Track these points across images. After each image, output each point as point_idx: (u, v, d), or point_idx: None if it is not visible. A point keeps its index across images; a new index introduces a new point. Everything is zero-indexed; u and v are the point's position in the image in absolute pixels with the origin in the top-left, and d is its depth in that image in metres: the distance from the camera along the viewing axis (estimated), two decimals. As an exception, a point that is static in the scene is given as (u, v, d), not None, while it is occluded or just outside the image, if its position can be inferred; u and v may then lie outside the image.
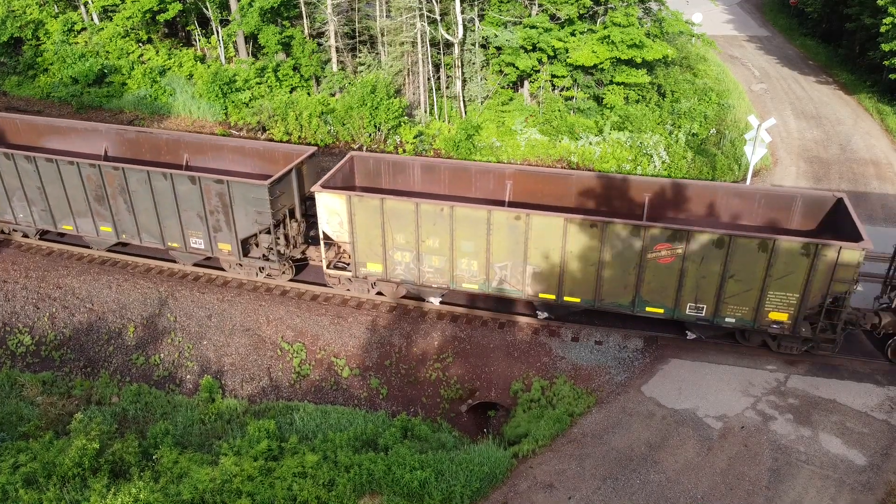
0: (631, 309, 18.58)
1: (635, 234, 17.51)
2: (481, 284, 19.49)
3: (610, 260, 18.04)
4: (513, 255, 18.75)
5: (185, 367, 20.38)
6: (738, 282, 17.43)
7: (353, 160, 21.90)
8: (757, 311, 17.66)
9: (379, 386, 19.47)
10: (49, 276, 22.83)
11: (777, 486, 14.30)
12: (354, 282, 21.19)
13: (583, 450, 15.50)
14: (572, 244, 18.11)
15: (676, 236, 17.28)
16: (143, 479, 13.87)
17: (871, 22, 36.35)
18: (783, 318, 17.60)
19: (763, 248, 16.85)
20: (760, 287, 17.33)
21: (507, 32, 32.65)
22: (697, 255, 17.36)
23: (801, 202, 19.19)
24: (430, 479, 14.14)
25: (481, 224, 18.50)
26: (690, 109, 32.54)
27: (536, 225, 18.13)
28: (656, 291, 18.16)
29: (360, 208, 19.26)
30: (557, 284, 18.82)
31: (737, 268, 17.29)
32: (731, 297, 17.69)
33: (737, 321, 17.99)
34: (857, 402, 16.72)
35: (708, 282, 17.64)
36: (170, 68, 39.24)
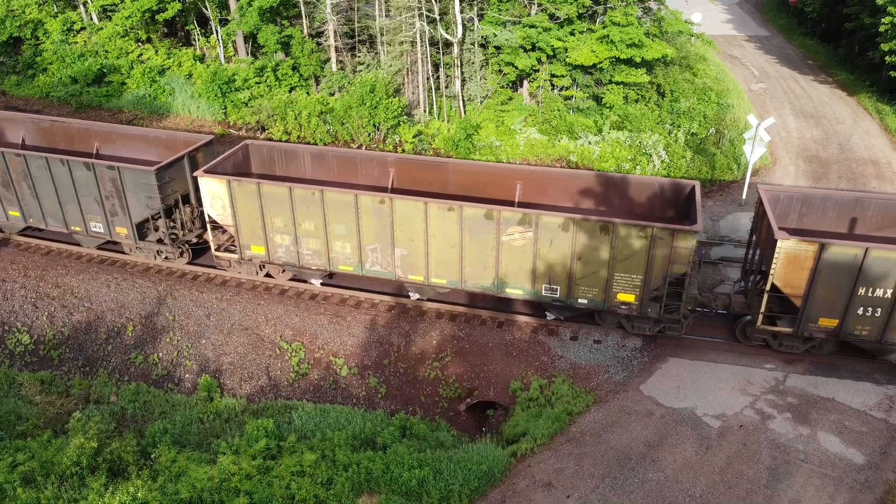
0: (493, 290, 19.28)
1: (489, 217, 18.25)
2: (355, 266, 20.33)
3: (469, 242, 18.78)
4: (381, 238, 19.58)
5: (183, 366, 20.36)
6: (585, 264, 18.21)
7: (248, 148, 22.82)
8: (606, 292, 18.41)
9: (378, 385, 19.47)
10: (48, 275, 22.81)
11: (775, 484, 14.30)
12: (243, 264, 22.00)
13: (581, 449, 15.49)
14: (434, 227, 18.83)
15: (526, 220, 18.02)
16: (141, 478, 13.85)
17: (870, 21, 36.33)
18: (631, 300, 18.31)
19: (605, 231, 17.60)
20: (607, 269, 18.08)
21: (507, 32, 32.64)
22: (547, 239, 18.08)
23: (660, 190, 19.93)
24: (429, 477, 14.14)
25: (350, 207, 19.28)
26: (690, 109, 32.53)
27: (399, 208, 18.90)
28: (514, 273, 18.93)
29: (239, 193, 20.12)
30: (425, 266, 19.57)
31: (583, 250, 18.04)
32: (581, 279, 18.44)
33: (589, 302, 18.75)
34: (855, 401, 16.72)
35: (559, 264, 18.41)
36: (169, 68, 39.22)
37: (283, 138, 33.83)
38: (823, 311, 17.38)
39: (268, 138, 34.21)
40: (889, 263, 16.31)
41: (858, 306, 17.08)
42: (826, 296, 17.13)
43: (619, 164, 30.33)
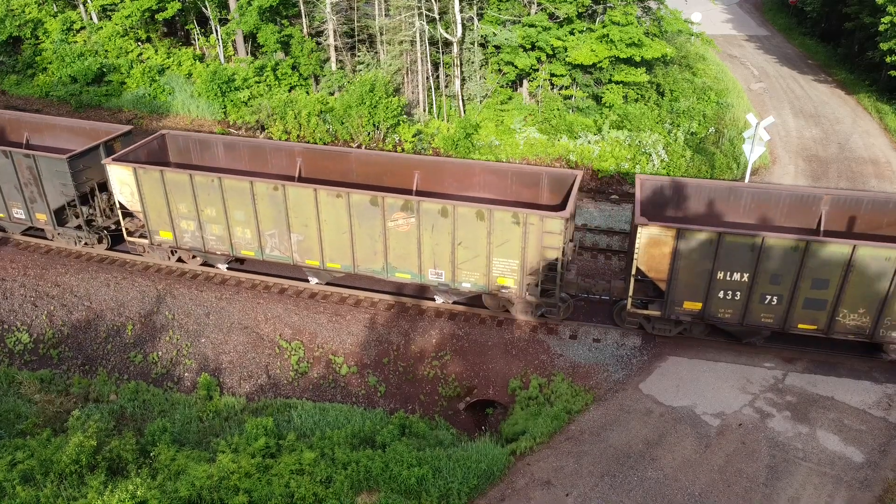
0: (384, 274, 19.99)
1: (375, 203, 18.93)
2: (257, 251, 21.04)
3: (358, 228, 19.50)
4: (278, 224, 20.27)
5: (183, 364, 20.36)
6: (466, 249, 18.87)
7: (165, 138, 23.48)
8: (487, 276, 19.13)
9: (377, 383, 19.47)
10: (47, 273, 22.82)
11: (774, 482, 14.30)
12: (155, 250, 22.70)
13: (580, 447, 15.49)
14: (325, 213, 19.54)
15: (408, 206, 18.66)
16: (140, 476, 13.85)
17: (869, 21, 36.36)
18: (510, 284, 19.03)
19: (481, 217, 18.22)
20: (486, 254, 18.74)
21: (506, 31, 32.65)
22: (428, 224, 18.74)
23: (547, 179, 20.54)
24: (428, 476, 14.14)
25: (246, 194, 20.00)
26: (689, 108, 32.55)
27: (292, 195, 19.60)
28: (401, 258, 19.66)
29: (145, 180, 20.84)
30: (319, 251, 20.27)
31: (463, 235, 18.68)
32: (463, 264, 19.13)
33: (472, 286, 19.46)
34: (854, 400, 16.73)
35: (441, 249, 19.08)
36: (169, 67, 39.24)
37: (282, 137, 33.85)
38: (687, 294, 17.96)
39: (267, 137, 34.22)
40: (743, 248, 16.88)
41: (719, 290, 17.65)
42: (688, 280, 17.71)
43: (618, 163, 30.35)
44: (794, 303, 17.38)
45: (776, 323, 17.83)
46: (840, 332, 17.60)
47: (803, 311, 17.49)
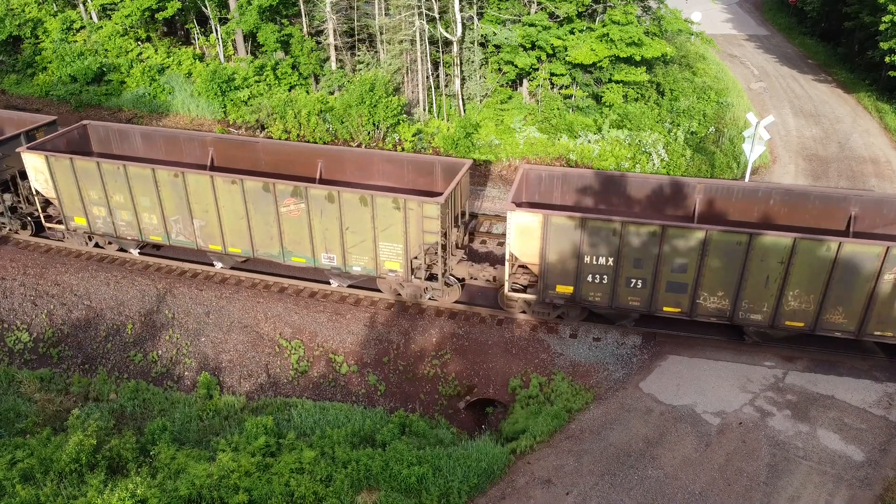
0: (281, 258, 20.92)
1: (267, 190, 19.82)
2: (163, 237, 22.04)
3: (254, 214, 20.40)
4: (181, 210, 21.20)
5: (182, 363, 20.35)
6: (353, 233, 19.71)
7: (87, 128, 24.55)
8: (375, 260, 19.99)
9: (377, 382, 19.46)
10: (47, 273, 22.81)
11: (775, 481, 14.29)
12: (72, 235, 23.62)
13: (581, 446, 15.49)
14: (223, 200, 20.49)
15: (297, 192, 19.55)
16: (140, 475, 13.84)
17: (870, 20, 36.34)
18: (397, 267, 19.93)
19: (364, 203, 19.05)
20: (372, 238, 19.57)
21: (506, 31, 32.63)
22: (317, 210, 19.60)
23: (440, 167, 21.37)
24: (428, 474, 14.13)
25: (149, 181, 20.98)
26: (689, 108, 32.52)
27: (191, 182, 20.56)
28: (295, 242, 20.48)
29: (57, 167, 21.85)
30: (220, 236, 21.22)
31: (349, 220, 19.51)
32: (352, 248, 19.97)
33: (362, 269, 20.30)
34: (855, 399, 16.72)
35: (331, 233, 19.93)
36: (168, 66, 39.19)
37: (282, 137, 33.82)
38: (559, 278, 18.70)
39: (267, 136, 34.19)
40: (606, 233, 17.65)
41: (587, 274, 18.39)
42: (558, 264, 18.47)
43: (618, 162, 30.33)
44: (657, 286, 18.07)
45: (643, 306, 18.54)
46: (703, 314, 18.29)
47: (667, 294, 18.17)
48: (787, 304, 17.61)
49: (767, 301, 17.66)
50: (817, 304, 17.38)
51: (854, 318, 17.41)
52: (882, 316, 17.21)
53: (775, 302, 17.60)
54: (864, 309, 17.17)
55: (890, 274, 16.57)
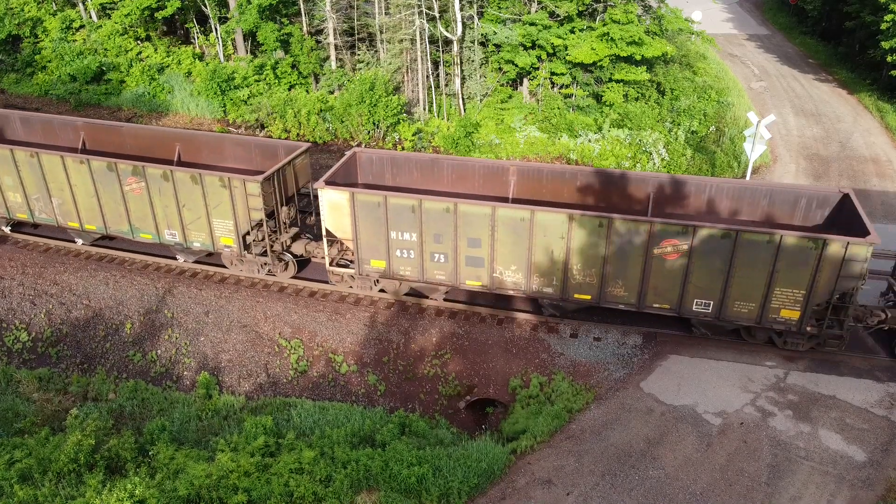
0: (130, 235, 22.23)
1: (111, 169, 21.13)
2: (28, 214, 23.37)
3: (103, 192, 21.67)
4: (40, 189, 22.52)
5: (182, 363, 20.29)
6: (189, 210, 20.98)
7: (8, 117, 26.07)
8: (211, 236, 21.25)
9: (377, 382, 19.40)
10: (46, 272, 22.74)
11: (776, 482, 14.23)
12: None
13: (581, 446, 15.42)
14: (74, 178, 21.83)
15: (136, 172, 20.85)
16: (139, 475, 13.78)
17: (871, 20, 36.29)
18: (231, 243, 21.14)
19: (195, 181, 20.31)
20: (206, 215, 20.80)
21: (507, 30, 32.58)
22: (156, 188, 20.92)
23: (283, 150, 22.33)
24: (428, 474, 14.07)
25: (9, 162, 22.38)
26: (690, 107, 32.48)
27: (45, 162, 21.87)
28: (141, 219, 21.76)
29: None
30: (76, 213, 22.50)
31: (184, 199, 20.73)
32: (190, 224, 21.23)
33: (201, 245, 21.59)
34: (856, 399, 16.65)
35: (171, 211, 21.14)
36: (168, 66, 39.16)
37: (282, 136, 33.77)
38: (372, 253, 19.74)
39: (267, 136, 34.14)
40: (406, 209, 18.68)
41: (395, 249, 19.35)
42: (369, 240, 19.51)
43: (619, 161, 30.28)
44: (458, 261, 19.06)
45: (448, 280, 19.52)
46: (500, 288, 19.22)
47: (467, 268, 19.20)
48: (573, 277, 18.58)
49: (556, 275, 18.64)
50: (599, 278, 18.32)
51: (633, 292, 18.27)
52: (658, 289, 18.10)
53: (563, 276, 18.57)
54: (640, 282, 18.04)
55: (658, 249, 17.41)
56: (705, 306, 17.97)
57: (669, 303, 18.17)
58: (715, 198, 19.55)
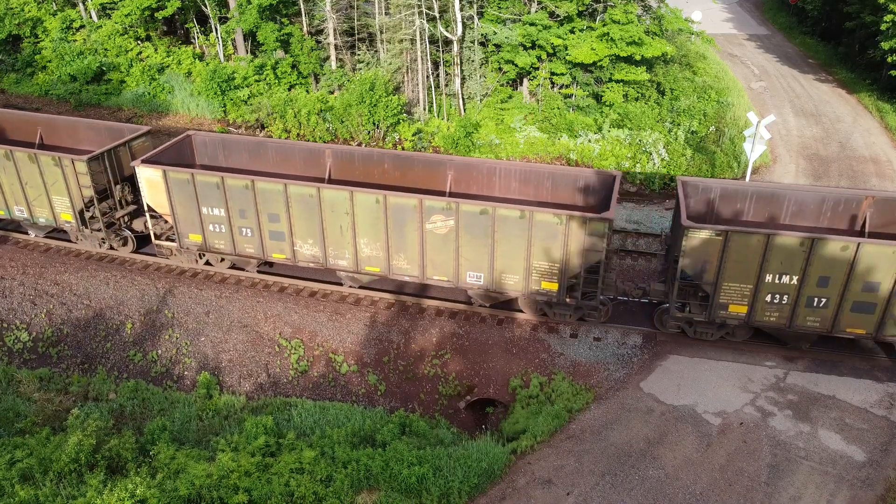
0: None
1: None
2: None
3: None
4: None
5: (182, 363, 20.31)
6: (31, 188, 22.44)
7: None
8: (53, 213, 22.80)
9: (377, 382, 19.42)
10: (46, 272, 22.76)
11: (776, 481, 14.26)
12: None
13: (581, 446, 15.45)
14: None
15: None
16: (139, 475, 13.79)
17: (871, 20, 36.30)
18: (70, 219, 22.72)
19: (32, 160, 21.89)
20: (45, 193, 22.37)
21: (506, 30, 32.60)
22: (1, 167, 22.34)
23: (128, 133, 23.30)
24: (428, 474, 14.09)
25: None
26: (690, 107, 32.50)
27: None
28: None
29: None
30: None
31: (26, 177, 22.22)
32: (34, 201, 22.75)
33: (46, 221, 23.01)
34: (856, 399, 16.68)
35: (16, 189, 22.71)
36: (168, 66, 39.17)
37: (282, 136, 33.79)
38: (189, 227, 21.27)
39: (267, 136, 34.15)
40: (211, 186, 20.09)
41: (208, 224, 20.91)
42: (185, 215, 20.98)
43: (618, 161, 30.30)
44: (262, 235, 20.59)
45: (256, 253, 21.04)
46: (302, 260, 20.67)
47: (271, 242, 20.66)
48: (361, 251, 19.76)
49: (347, 248, 19.87)
50: (385, 251, 19.50)
51: (415, 264, 19.44)
52: (436, 262, 19.19)
53: (353, 249, 19.83)
54: (420, 256, 19.19)
55: (430, 224, 18.55)
56: (477, 278, 19.25)
57: (447, 275, 19.43)
58: (507, 180, 20.98)
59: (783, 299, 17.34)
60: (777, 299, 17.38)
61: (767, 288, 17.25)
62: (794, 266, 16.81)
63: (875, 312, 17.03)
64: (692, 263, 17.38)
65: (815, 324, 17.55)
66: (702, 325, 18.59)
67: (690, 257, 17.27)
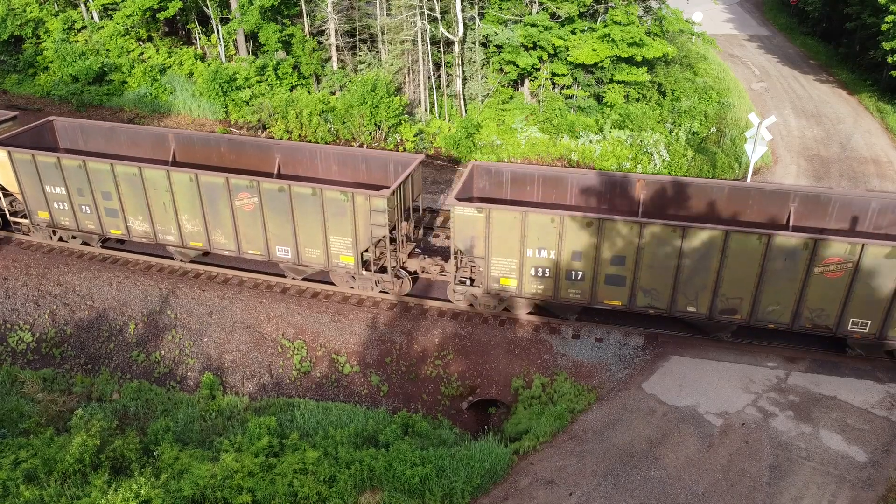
0: None
1: None
2: None
3: None
4: None
5: (185, 364, 20.36)
6: None
7: None
8: None
9: (380, 383, 19.47)
10: (50, 273, 22.82)
11: (778, 482, 14.30)
12: None
13: (584, 446, 15.50)
14: None
15: None
16: (143, 475, 13.83)
17: (871, 21, 36.36)
18: None
19: None
20: None
21: (508, 31, 32.65)
22: None
23: None
24: (431, 475, 14.14)
25: None
26: (691, 108, 32.54)
27: None
28: None
29: None
30: None
31: None
32: None
33: None
34: (857, 399, 16.73)
35: None
36: (170, 66, 39.20)
37: (283, 137, 33.83)
38: (37, 205, 23.12)
39: (269, 137, 34.19)
40: (50, 166, 21.91)
41: (52, 202, 22.77)
42: (32, 193, 22.90)
43: (620, 162, 30.34)
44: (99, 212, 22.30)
45: (97, 229, 22.80)
46: (135, 236, 22.52)
47: (108, 218, 22.40)
48: (184, 226, 21.62)
49: (172, 224, 21.76)
50: (204, 227, 21.39)
51: (231, 240, 21.31)
52: (248, 237, 21.04)
53: (177, 225, 21.68)
54: (234, 231, 21.06)
55: (238, 201, 20.31)
56: (286, 252, 20.92)
57: (260, 249, 21.15)
58: (328, 163, 22.67)
59: (546, 273, 18.73)
60: (540, 273, 18.78)
61: (530, 262, 18.67)
62: (550, 242, 18.15)
63: (626, 285, 18.33)
64: (462, 240, 18.87)
65: (577, 296, 18.90)
66: (483, 298, 20.10)
67: (459, 234, 18.78)
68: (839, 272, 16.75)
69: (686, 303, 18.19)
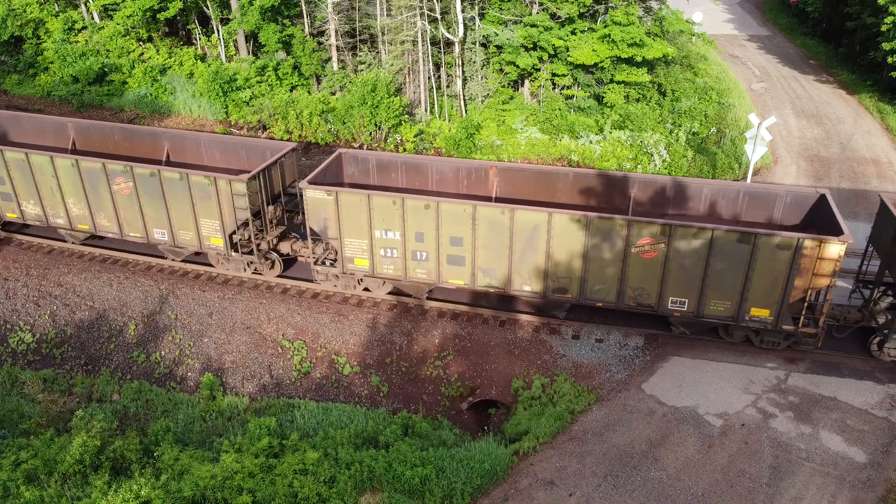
0: None
1: None
2: None
3: None
4: None
5: (185, 364, 20.38)
6: None
7: None
8: None
9: (380, 383, 19.49)
10: (50, 273, 22.83)
11: (777, 483, 14.31)
12: None
13: (583, 447, 15.51)
14: None
15: None
16: (144, 476, 13.85)
17: (871, 21, 36.37)
18: None
19: None
20: None
21: (508, 31, 32.67)
22: None
23: None
24: (431, 475, 14.15)
25: None
26: (691, 108, 32.55)
27: None
28: None
29: None
30: None
31: None
32: None
33: None
34: (857, 400, 16.74)
35: None
36: (170, 67, 39.22)
37: (284, 137, 33.85)
38: None
39: (269, 137, 34.21)
40: None
41: None
42: None
43: (620, 163, 30.35)
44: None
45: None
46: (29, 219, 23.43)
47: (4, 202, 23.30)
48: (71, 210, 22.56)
49: (60, 208, 22.68)
50: (88, 210, 22.25)
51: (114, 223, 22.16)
52: (129, 221, 21.96)
53: (65, 208, 22.61)
54: (115, 214, 21.94)
55: (115, 185, 21.42)
56: (162, 235, 21.92)
57: (139, 232, 22.09)
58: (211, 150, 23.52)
59: (394, 253, 19.52)
60: (389, 253, 19.60)
61: (379, 243, 19.48)
62: (395, 223, 18.93)
63: (466, 265, 19.05)
64: (315, 221, 19.67)
65: (424, 275, 19.65)
66: (343, 278, 20.98)
67: (312, 215, 19.56)
68: (653, 252, 17.39)
69: (521, 282, 18.94)
